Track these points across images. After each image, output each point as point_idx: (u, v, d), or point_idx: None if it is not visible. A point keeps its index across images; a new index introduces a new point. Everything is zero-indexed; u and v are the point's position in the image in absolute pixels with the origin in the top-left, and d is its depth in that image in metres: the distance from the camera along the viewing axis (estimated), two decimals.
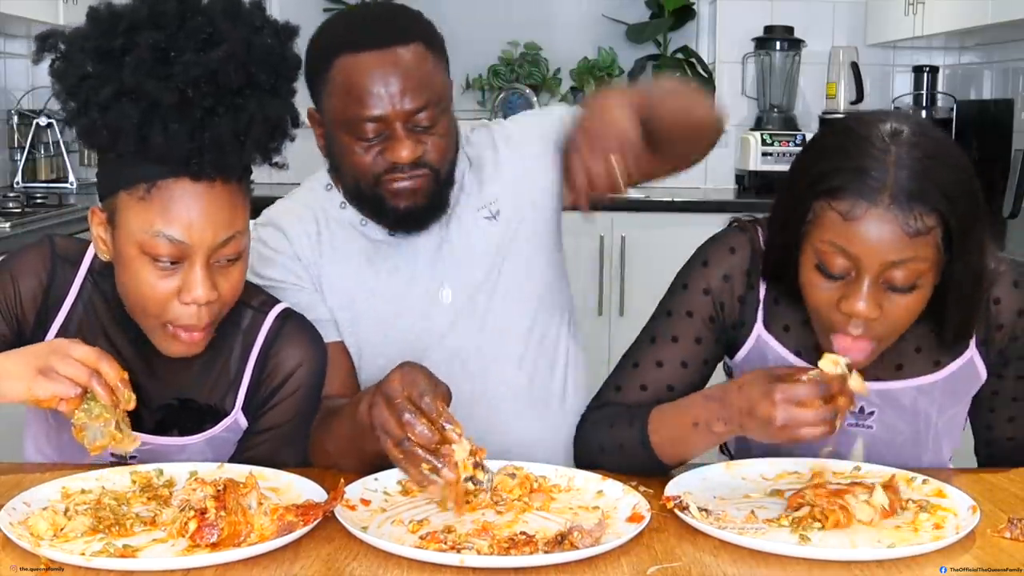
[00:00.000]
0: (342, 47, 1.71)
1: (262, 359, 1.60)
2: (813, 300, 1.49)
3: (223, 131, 1.41)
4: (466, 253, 1.84)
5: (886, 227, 1.40)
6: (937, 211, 1.40)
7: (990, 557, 1.32)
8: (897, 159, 1.40)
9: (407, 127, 1.69)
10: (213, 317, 1.49)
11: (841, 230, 1.42)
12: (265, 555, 1.28)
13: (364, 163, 1.71)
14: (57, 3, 3.83)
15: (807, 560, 1.30)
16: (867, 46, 4.57)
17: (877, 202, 1.39)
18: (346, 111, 1.69)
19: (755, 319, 1.64)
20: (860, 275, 1.43)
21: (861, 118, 1.49)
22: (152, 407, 1.60)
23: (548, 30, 4.73)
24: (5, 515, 1.34)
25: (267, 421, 1.62)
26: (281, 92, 1.49)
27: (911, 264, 1.41)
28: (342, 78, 1.69)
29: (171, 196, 1.42)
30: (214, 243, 1.44)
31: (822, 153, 1.48)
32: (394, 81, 1.67)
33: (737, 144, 4.63)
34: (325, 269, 1.81)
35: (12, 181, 4.29)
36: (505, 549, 1.29)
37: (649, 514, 1.39)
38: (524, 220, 1.88)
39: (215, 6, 1.46)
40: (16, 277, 1.59)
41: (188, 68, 1.40)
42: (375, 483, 1.50)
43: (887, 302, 1.44)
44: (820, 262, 1.45)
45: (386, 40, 1.69)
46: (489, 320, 1.85)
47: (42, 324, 1.59)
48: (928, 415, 1.64)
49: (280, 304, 1.64)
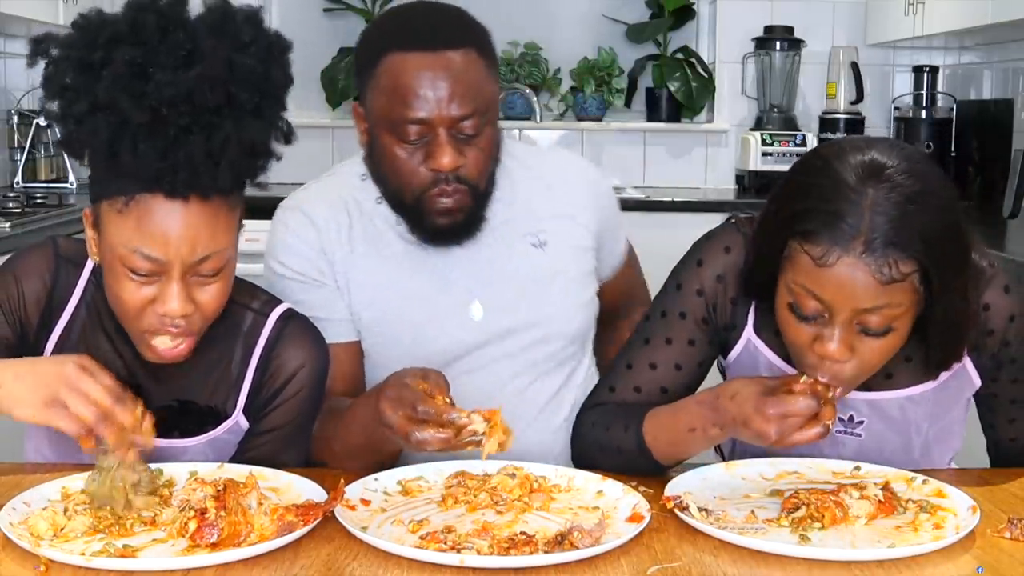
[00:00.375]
0: (392, 44, 1.67)
1: (264, 361, 1.60)
2: (787, 337, 1.48)
3: (196, 151, 1.38)
4: (504, 273, 1.80)
5: (859, 275, 1.35)
6: (914, 258, 1.36)
7: (990, 557, 1.32)
8: (873, 203, 1.35)
9: (450, 133, 1.65)
10: (193, 328, 1.48)
11: (813, 275, 1.38)
12: (265, 555, 1.28)
13: (405, 169, 1.68)
14: (57, 3, 3.83)
15: (807, 560, 1.30)
16: (867, 46, 4.57)
17: (850, 249, 1.35)
18: (390, 110, 1.66)
19: (746, 323, 1.62)
20: (832, 319, 1.40)
21: (843, 150, 1.42)
22: (153, 409, 1.59)
23: (548, 30, 4.73)
24: (5, 515, 1.34)
25: (268, 423, 1.62)
26: (264, 112, 1.45)
27: (885, 310, 1.38)
28: (389, 76, 1.66)
29: (147, 211, 1.40)
30: (190, 260, 1.42)
31: (799, 190, 1.43)
32: (442, 85, 1.64)
33: (737, 144, 4.63)
34: (355, 264, 1.77)
35: (12, 181, 4.28)
36: (505, 549, 1.29)
37: (649, 514, 1.39)
38: (569, 259, 1.84)
39: (203, 20, 1.44)
40: (20, 278, 1.59)
41: (162, 87, 1.37)
42: (375, 483, 1.50)
43: (860, 345, 1.41)
44: (793, 302, 1.43)
45: (438, 42, 1.66)
46: (517, 345, 1.81)
47: (45, 326, 1.59)
48: (919, 425, 1.63)
49: (282, 305, 1.63)
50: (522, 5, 4.73)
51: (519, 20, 4.69)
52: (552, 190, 1.86)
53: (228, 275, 1.49)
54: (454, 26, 1.70)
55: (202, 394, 1.60)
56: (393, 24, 1.74)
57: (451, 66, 1.64)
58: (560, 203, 1.85)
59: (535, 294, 1.81)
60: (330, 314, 1.74)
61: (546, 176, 1.88)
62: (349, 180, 1.82)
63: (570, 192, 1.87)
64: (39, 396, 1.39)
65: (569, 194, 1.87)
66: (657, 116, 4.66)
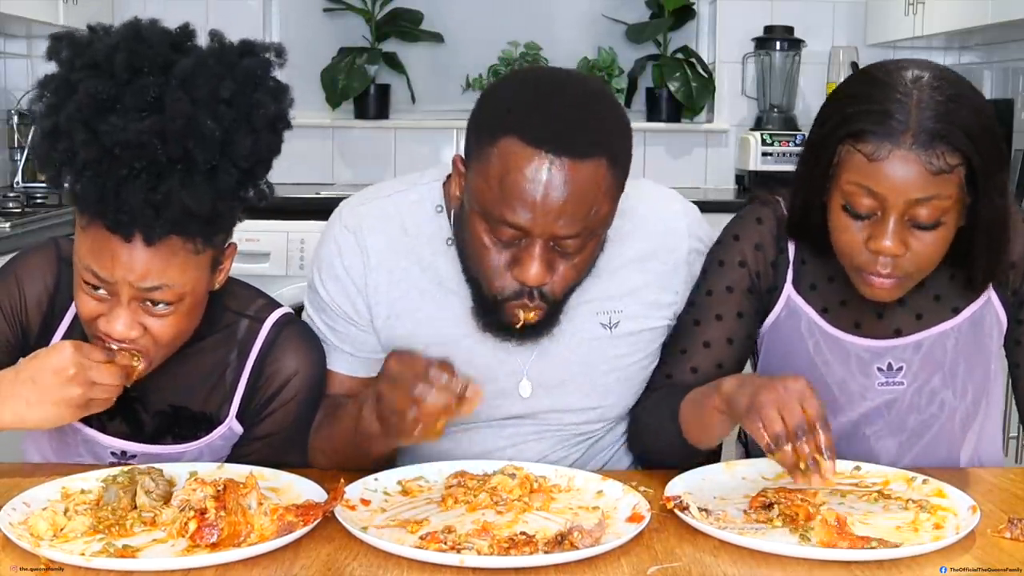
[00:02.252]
0: (516, 129, 1.45)
1: (258, 367, 1.59)
2: (841, 242, 1.54)
3: (134, 198, 1.35)
4: (562, 358, 1.67)
5: (910, 166, 1.45)
6: (959, 150, 1.45)
7: (990, 557, 1.32)
8: (919, 101, 1.46)
9: (547, 245, 1.48)
10: (147, 352, 1.46)
11: (866, 171, 1.47)
12: (265, 555, 1.28)
13: (489, 264, 1.51)
14: (57, 3, 3.83)
15: (807, 560, 1.30)
16: (867, 46, 4.57)
17: (900, 143, 1.45)
18: (491, 202, 1.46)
19: (785, 280, 1.68)
20: (886, 214, 1.48)
21: (884, 66, 1.54)
22: (150, 414, 1.59)
23: (548, 30, 4.72)
24: (5, 515, 1.34)
25: (263, 429, 1.61)
26: (219, 177, 1.39)
27: (935, 201, 1.46)
28: (501, 164, 1.45)
29: (99, 235, 1.40)
30: (136, 287, 1.41)
31: (846, 99, 1.53)
32: (555, 198, 1.43)
33: (737, 144, 4.63)
34: (401, 312, 1.63)
35: (12, 181, 4.28)
36: (505, 549, 1.29)
37: (649, 514, 1.39)
38: (640, 342, 1.70)
39: (181, 70, 1.39)
40: (21, 281, 1.59)
41: (116, 130, 1.35)
42: (375, 483, 1.50)
43: (912, 239, 1.49)
44: (847, 203, 1.50)
45: (566, 148, 1.44)
46: (560, 422, 1.71)
47: (47, 328, 1.59)
48: (955, 361, 1.67)
49: (278, 311, 1.62)
50: (522, 5, 4.73)
51: (519, 20, 4.68)
52: (642, 259, 1.68)
53: (187, 310, 1.46)
54: (591, 129, 1.47)
55: (196, 400, 1.60)
56: (526, 104, 1.48)
57: (572, 179, 1.43)
58: (649, 276, 1.69)
59: (591, 382, 1.69)
60: (356, 351, 1.67)
61: (640, 230, 1.68)
62: (420, 209, 1.65)
63: (664, 256, 1.70)
64: (63, 407, 1.43)
65: (662, 259, 1.69)
66: (657, 116, 4.66)
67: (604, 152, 1.46)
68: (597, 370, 1.69)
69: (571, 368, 1.68)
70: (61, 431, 1.60)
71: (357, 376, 1.67)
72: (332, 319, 1.67)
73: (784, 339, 1.70)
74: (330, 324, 1.67)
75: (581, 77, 1.57)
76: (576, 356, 1.67)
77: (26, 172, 4.31)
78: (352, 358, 1.67)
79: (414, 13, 4.62)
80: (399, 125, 4.64)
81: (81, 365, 1.42)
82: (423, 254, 1.64)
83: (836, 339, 1.67)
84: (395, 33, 4.60)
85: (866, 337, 1.66)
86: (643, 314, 1.69)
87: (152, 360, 1.48)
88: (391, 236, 1.64)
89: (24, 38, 4.48)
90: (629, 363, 1.70)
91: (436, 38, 4.60)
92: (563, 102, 1.48)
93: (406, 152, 4.64)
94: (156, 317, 1.44)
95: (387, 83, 4.62)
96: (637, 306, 1.69)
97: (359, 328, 1.66)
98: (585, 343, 1.67)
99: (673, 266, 1.70)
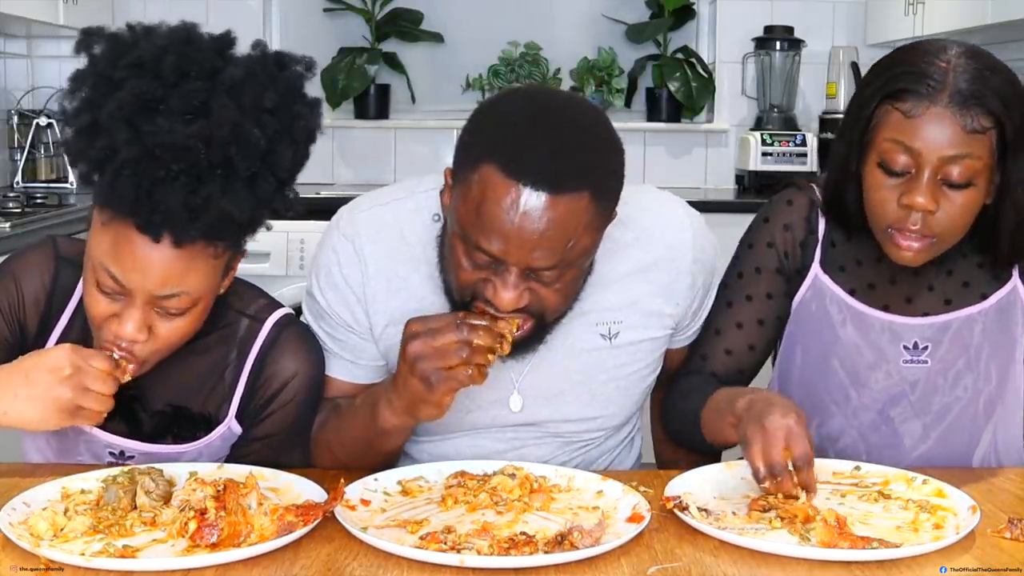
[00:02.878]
0: (497, 157, 1.41)
1: (257, 367, 1.59)
2: (875, 200, 1.59)
3: (173, 202, 1.35)
4: (557, 369, 1.66)
5: (945, 123, 1.52)
6: (993, 114, 1.52)
7: (990, 557, 1.32)
8: (955, 66, 1.54)
9: (523, 274, 1.44)
10: (140, 355, 1.46)
11: (903, 127, 1.54)
12: (265, 555, 1.28)
13: (465, 282, 1.48)
14: (57, 3, 3.83)
15: (807, 560, 1.30)
16: (867, 46, 4.57)
17: (936, 100, 1.52)
18: (468, 226, 1.44)
19: (813, 260, 1.73)
20: (920, 170, 1.54)
21: (921, 43, 1.62)
22: (149, 414, 1.59)
23: (548, 30, 4.72)
24: (5, 515, 1.34)
25: (261, 430, 1.61)
26: (258, 185, 1.40)
27: (967, 161, 1.52)
28: (479, 190, 1.42)
29: (123, 235, 1.40)
30: (154, 294, 1.41)
31: (886, 65, 1.61)
32: (531, 231, 1.40)
33: (737, 144, 4.63)
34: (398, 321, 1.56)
35: (12, 181, 4.28)
36: (505, 549, 1.29)
37: (649, 514, 1.39)
38: (640, 353, 1.69)
39: (228, 76, 1.40)
40: (19, 279, 1.58)
41: (160, 132, 1.35)
42: (375, 483, 1.50)
43: (943, 198, 1.54)
44: (883, 160, 1.56)
45: (546, 181, 1.39)
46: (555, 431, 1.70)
47: (45, 326, 1.59)
48: (980, 345, 1.70)
49: (278, 311, 1.62)
50: (522, 5, 4.73)
51: (519, 20, 4.68)
52: (644, 270, 1.66)
53: (196, 314, 1.47)
54: (575, 162, 1.42)
55: (196, 400, 1.60)
56: (510, 133, 1.45)
57: (550, 213, 1.40)
58: (650, 287, 1.67)
59: (591, 392, 1.68)
60: (356, 358, 1.67)
61: (641, 241, 1.66)
62: (418, 217, 1.64)
63: (666, 267, 1.67)
64: (51, 410, 1.42)
65: (664, 270, 1.67)
66: (657, 116, 4.66)
67: (587, 186, 1.42)
68: (596, 380, 1.68)
69: (570, 378, 1.67)
70: (61, 431, 1.60)
71: (357, 382, 1.67)
72: (331, 327, 1.66)
73: (812, 316, 1.74)
74: (329, 332, 1.67)
75: (575, 104, 1.52)
76: (575, 366, 1.66)
77: (26, 172, 4.31)
78: (352, 365, 1.67)
79: (414, 13, 4.62)
80: (399, 125, 4.64)
81: (77, 368, 1.42)
82: (421, 262, 1.63)
83: (863, 315, 1.71)
84: (395, 33, 4.60)
85: (895, 315, 1.70)
86: (643, 324, 1.67)
87: (147, 363, 1.48)
88: (389, 244, 1.63)
89: (24, 38, 4.48)
90: (629, 372, 1.69)
91: (436, 38, 4.60)
92: (548, 133, 1.43)
93: (406, 152, 4.64)
94: (166, 321, 1.45)
95: (387, 83, 4.62)
96: (637, 316, 1.67)
97: (359, 336, 1.66)
98: (584, 354, 1.66)
99: (676, 276, 1.68)
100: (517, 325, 1.45)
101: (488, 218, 1.41)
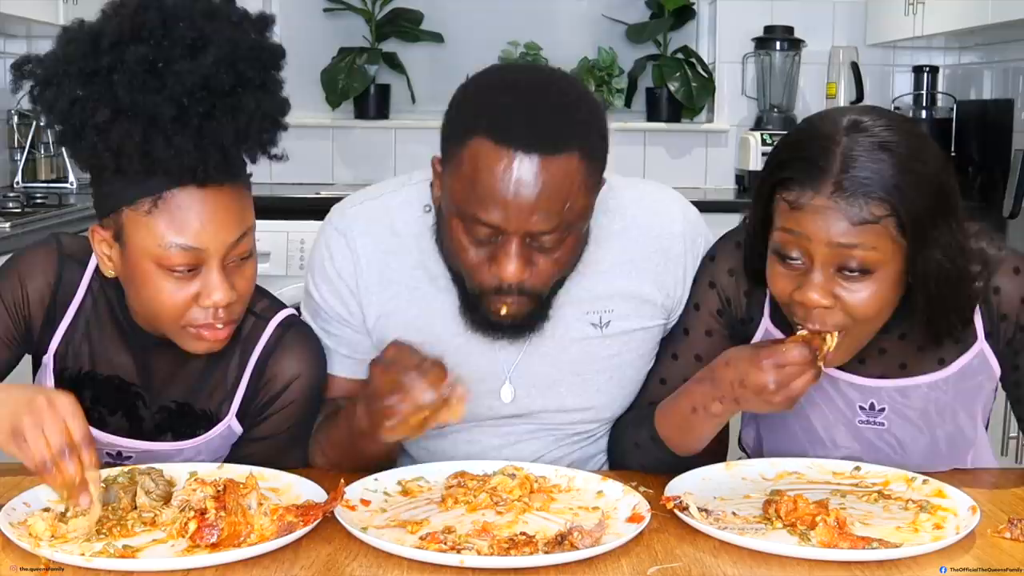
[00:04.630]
0: (484, 128, 1.44)
1: (260, 367, 1.59)
2: (775, 290, 1.51)
3: (225, 134, 1.41)
4: (549, 359, 1.66)
5: (830, 215, 1.41)
6: (885, 202, 1.40)
7: (990, 557, 1.32)
8: (846, 149, 1.41)
9: (524, 242, 1.47)
10: (234, 316, 1.50)
11: (791, 218, 1.44)
12: (265, 555, 1.28)
13: (469, 262, 1.50)
14: (57, 3, 3.83)
15: (807, 560, 1.30)
16: (867, 46, 4.57)
17: (821, 190, 1.41)
18: (465, 202, 1.46)
19: (762, 314, 1.65)
20: (812, 262, 1.44)
21: (828, 114, 1.52)
22: (153, 409, 1.60)
23: (548, 30, 4.72)
24: (5, 515, 1.34)
25: (262, 430, 1.61)
26: (269, 86, 1.48)
27: (859, 251, 1.41)
28: (471, 164, 1.44)
29: (178, 206, 1.42)
30: (227, 244, 1.44)
31: (783, 147, 1.51)
32: (527, 195, 1.42)
33: (737, 144, 4.63)
34: (391, 310, 1.64)
35: (12, 181, 4.28)
36: (505, 549, 1.29)
37: (649, 514, 1.39)
38: (632, 343, 1.68)
39: (194, 8, 1.44)
40: (23, 277, 1.59)
41: (181, 77, 1.39)
42: (375, 483, 1.50)
43: (843, 291, 1.44)
44: (776, 248, 1.48)
45: (535, 144, 1.42)
46: (547, 423, 1.70)
47: (50, 324, 1.59)
48: (942, 415, 1.62)
49: (283, 311, 1.62)
50: (522, 5, 4.73)
51: (519, 20, 4.68)
52: (632, 260, 1.66)
53: (255, 257, 1.52)
54: (561, 124, 1.46)
55: (199, 397, 1.60)
56: (492, 102, 1.49)
57: (543, 175, 1.42)
58: (639, 276, 1.67)
59: (583, 382, 1.68)
60: (353, 352, 1.67)
61: (630, 230, 1.67)
62: (409, 210, 1.66)
63: (655, 258, 1.67)
64: (6, 425, 1.33)
65: (653, 260, 1.67)
66: (657, 116, 4.66)
67: (576, 145, 1.45)
68: (589, 369, 1.68)
69: (562, 368, 1.67)
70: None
71: (356, 378, 1.67)
72: (327, 322, 1.67)
73: None
74: (325, 328, 1.67)
75: (550, 71, 1.56)
76: (567, 356, 1.66)
77: (26, 172, 4.31)
78: (350, 360, 1.68)
79: (414, 13, 4.62)
80: (399, 125, 4.64)
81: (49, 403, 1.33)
82: (413, 253, 1.64)
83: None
84: (395, 33, 4.60)
85: (852, 374, 1.62)
86: (635, 313, 1.67)
87: (236, 322, 1.52)
88: (381, 237, 1.65)
89: (24, 38, 4.48)
90: (621, 363, 1.69)
91: (436, 38, 4.60)
92: (531, 98, 1.47)
93: (406, 152, 4.64)
94: (239, 271, 1.48)
95: (387, 83, 4.62)
96: (628, 305, 1.67)
97: (353, 329, 1.67)
98: (576, 343, 1.66)
99: (665, 265, 1.68)
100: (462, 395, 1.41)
101: (484, 189, 1.43)
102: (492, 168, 1.43)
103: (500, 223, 1.44)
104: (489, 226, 1.45)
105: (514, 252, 1.46)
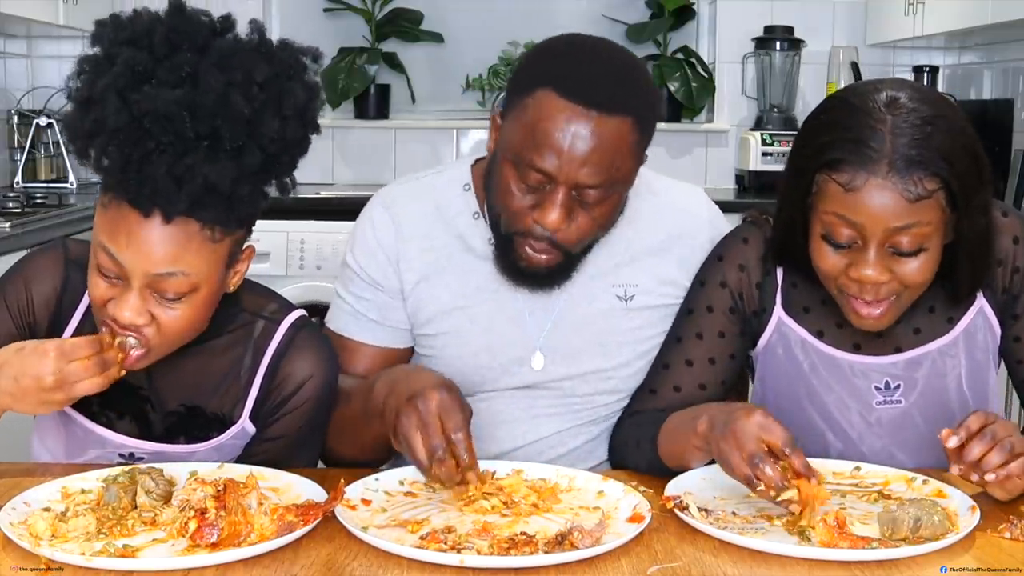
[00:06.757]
0: (551, 81, 1.56)
1: (272, 369, 1.59)
2: (823, 269, 1.53)
3: (158, 170, 1.35)
4: (576, 327, 1.73)
5: (887, 195, 1.43)
6: (937, 175, 1.43)
7: (990, 557, 1.32)
8: (893, 127, 1.44)
9: (570, 194, 1.56)
10: (150, 343, 1.45)
11: (843, 201, 1.46)
12: (265, 555, 1.28)
13: (513, 206, 1.60)
14: (57, 3, 3.83)
15: (807, 560, 1.30)
16: (867, 46, 4.57)
17: (876, 171, 1.43)
18: (522, 147, 1.56)
19: (774, 303, 1.67)
20: (866, 243, 1.47)
21: (857, 89, 1.53)
22: (162, 413, 1.59)
23: (548, 30, 4.62)
24: (5, 515, 1.34)
25: (274, 430, 1.61)
26: (244, 158, 1.39)
27: (915, 229, 1.45)
28: (534, 113, 1.55)
29: (119, 214, 1.40)
30: (148, 273, 1.40)
31: (821, 126, 1.52)
32: (581, 148, 1.53)
33: (737, 144, 4.63)
34: (429, 280, 1.73)
35: (12, 181, 4.28)
36: (505, 549, 1.29)
37: (649, 514, 1.39)
38: (654, 319, 1.75)
39: (218, 49, 1.40)
40: (29, 283, 1.59)
41: (148, 99, 1.35)
42: (375, 483, 1.50)
43: (896, 265, 1.48)
44: (826, 233, 1.50)
45: (596, 102, 1.53)
46: (573, 394, 1.75)
47: (55, 329, 1.58)
48: (955, 380, 1.65)
49: (294, 313, 1.62)
50: (522, 5, 4.73)
51: (519, 20, 4.68)
52: (661, 241, 1.76)
53: (198, 303, 1.45)
54: (621, 89, 1.57)
55: (211, 401, 1.59)
56: (562, 59, 1.60)
57: (599, 132, 1.53)
58: (666, 257, 1.76)
59: (604, 353, 1.74)
60: (383, 319, 1.74)
61: (662, 213, 1.78)
62: (451, 188, 1.76)
63: (683, 242, 1.77)
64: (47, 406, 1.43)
65: (680, 244, 1.77)
66: None
67: (631, 113, 1.56)
68: (613, 341, 1.73)
69: (586, 337, 1.73)
70: (70, 431, 1.61)
71: (380, 345, 1.74)
72: (360, 288, 1.74)
73: (779, 361, 1.69)
74: (358, 293, 1.75)
75: (620, 47, 1.67)
76: (594, 327, 1.73)
77: (26, 172, 4.31)
78: (377, 326, 1.74)
79: (414, 13, 4.62)
80: (399, 125, 4.64)
81: (60, 373, 1.39)
82: (452, 226, 1.74)
83: (831, 358, 1.65)
84: (395, 33, 4.60)
85: (865, 355, 1.64)
86: (658, 291, 1.75)
87: (153, 352, 1.46)
88: (424, 211, 1.75)
89: (24, 38, 4.48)
90: (644, 337, 1.74)
91: (436, 38, 4.60)
92: (599, 62, 1.59)
93: (406, 152, 4.64)
94: (166, 307, 1.43)
95: (387, 83, 4.62)
96: (653, 282, 1.75)
97: (387, 295, 1.74)
98: (601, 314, 1.73)
99: (691, 251, 1.76)
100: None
101: (542, 136, 1.54)
102: (554, 117, 1.54)
103: (552, 170, 1.54)
104: (541, 172, 1.55)
105: (559, 201, 1.56)
